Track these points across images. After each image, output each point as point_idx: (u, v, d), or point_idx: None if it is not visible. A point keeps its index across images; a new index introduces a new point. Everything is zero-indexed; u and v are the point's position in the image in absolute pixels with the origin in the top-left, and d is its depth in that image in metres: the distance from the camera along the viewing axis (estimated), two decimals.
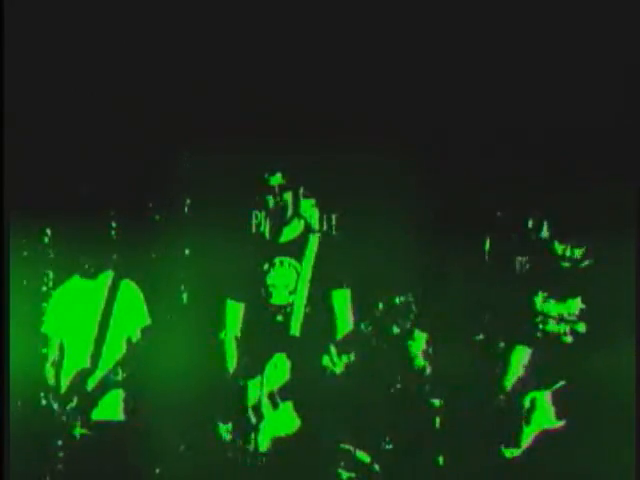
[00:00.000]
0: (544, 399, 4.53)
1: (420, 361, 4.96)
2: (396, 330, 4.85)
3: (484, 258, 4.84)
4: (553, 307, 4.61)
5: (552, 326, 4.60)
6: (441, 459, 4.78)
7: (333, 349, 4.66)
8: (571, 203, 4.65)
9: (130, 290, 5.05)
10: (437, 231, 5.29)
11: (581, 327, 4.55)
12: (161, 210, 5.61)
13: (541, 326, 4.62)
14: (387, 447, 4.97)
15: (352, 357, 4.67)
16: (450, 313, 4.90)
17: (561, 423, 4.50)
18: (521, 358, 4.63)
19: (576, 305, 4.58)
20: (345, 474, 4.86)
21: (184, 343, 5.25)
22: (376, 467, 4.90)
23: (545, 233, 4.65)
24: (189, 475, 5.11)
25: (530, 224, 4.75)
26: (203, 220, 5.56)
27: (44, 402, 5.31)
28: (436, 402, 4.89)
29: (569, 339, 4.57)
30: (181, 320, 5.22)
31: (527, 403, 4.56)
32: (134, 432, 4.95)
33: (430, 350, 4.94)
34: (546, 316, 4.60)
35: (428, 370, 4.93)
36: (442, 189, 5.32)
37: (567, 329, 4.56)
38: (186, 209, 5.62)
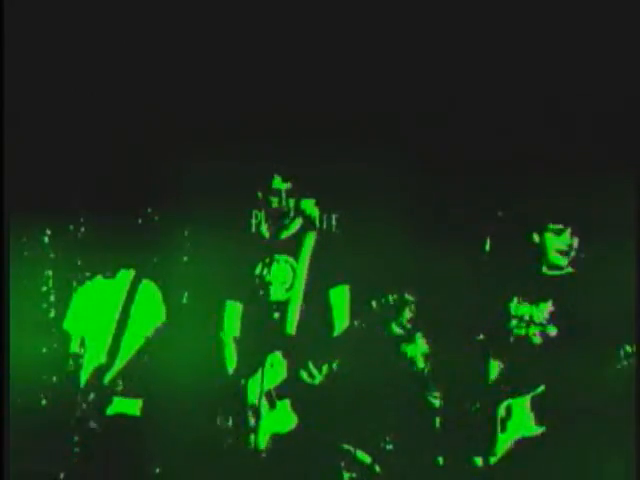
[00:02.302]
0: (522, 406, 4.48)
1: (419, 361, 4.95)
2: (395, 330, 4.85)
3: (484, 258, 4.82)
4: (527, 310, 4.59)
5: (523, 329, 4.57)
6: (441, 459, 4.77)
7: (311, 363, 4.64)
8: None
9: (149, 290, 5.02)
10: (437, 231, 5.30)
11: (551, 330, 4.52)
12: (161, 210, 5.62)
13: (515, 331, 4.59)
14: (387, 447, 4.96)
15: (336, 364, 4.65)
16: (449, 313, 4.89)
17: (541, 430, 4.43)
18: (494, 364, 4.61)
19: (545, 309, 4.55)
20: (346, 474, 4.85)
21: (184, 342, 5.26)
22: (376, 467, 4.90)
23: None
24: (189, 474, 5.11)
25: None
26: (203, 220, 5.57)
27: (44, 402, 5.32)
28: (436, 402, 4.89)
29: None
30: (181, 319, 5.22)
31: (502, 411, 4.52)
32: (134, 432, 4.94)
33: (429, 350, 4.94)
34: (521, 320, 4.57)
35: (427, 370, 4.93)
36: (442, 189, 5.33)
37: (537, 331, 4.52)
38: (186, 209, 5.63)
